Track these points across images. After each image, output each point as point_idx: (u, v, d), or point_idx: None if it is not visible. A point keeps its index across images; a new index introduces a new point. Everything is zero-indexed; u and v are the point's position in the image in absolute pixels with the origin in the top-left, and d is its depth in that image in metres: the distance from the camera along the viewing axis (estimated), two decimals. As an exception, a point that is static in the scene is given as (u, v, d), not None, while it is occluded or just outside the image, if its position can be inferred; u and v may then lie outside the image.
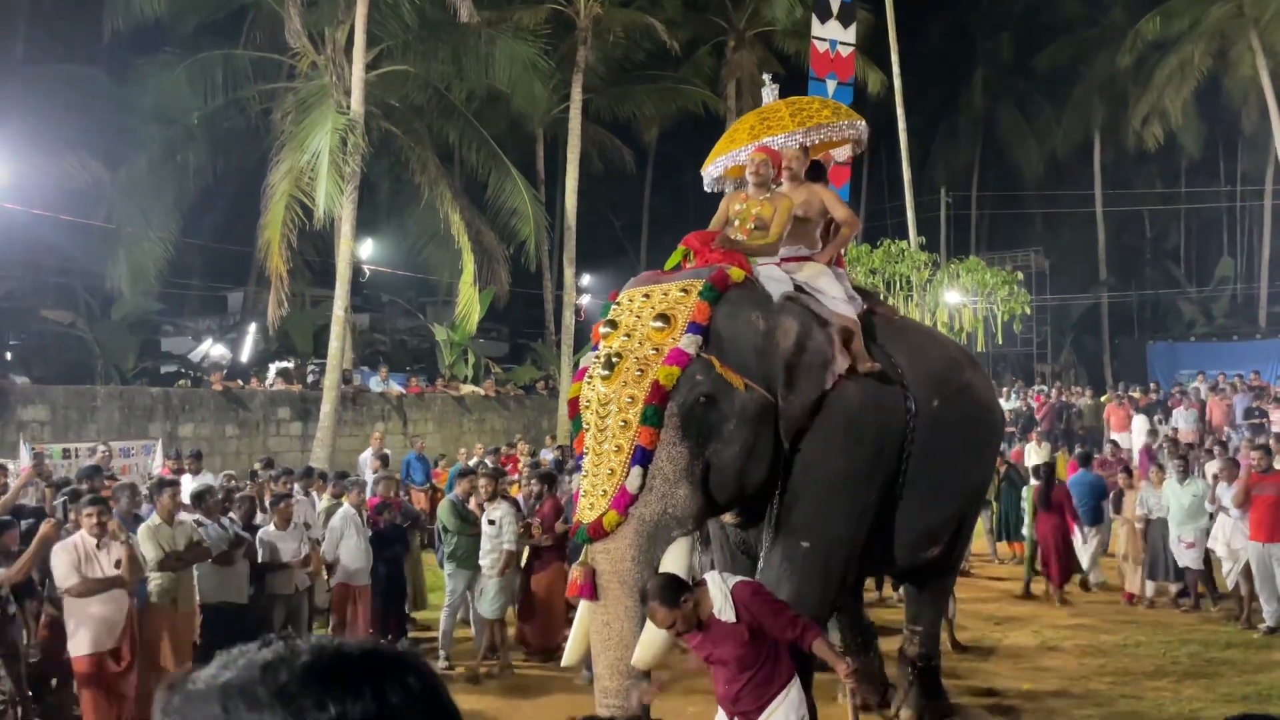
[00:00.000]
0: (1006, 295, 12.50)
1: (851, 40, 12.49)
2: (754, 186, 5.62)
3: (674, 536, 4.54)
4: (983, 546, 12.76)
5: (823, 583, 5.04)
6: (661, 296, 4.86)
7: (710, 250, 5.12)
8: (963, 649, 8.32)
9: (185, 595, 7.02)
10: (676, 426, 4.55)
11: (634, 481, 4.46)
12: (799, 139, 6.11)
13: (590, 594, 4.46)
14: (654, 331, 4.69)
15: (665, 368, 4.56)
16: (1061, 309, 30.38)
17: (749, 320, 4.83)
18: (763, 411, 4.73)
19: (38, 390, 13.47)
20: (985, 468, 6.20)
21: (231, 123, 17.48)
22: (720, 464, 4.68)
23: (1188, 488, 9.76)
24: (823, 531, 5.02)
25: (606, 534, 4.46)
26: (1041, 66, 31.08)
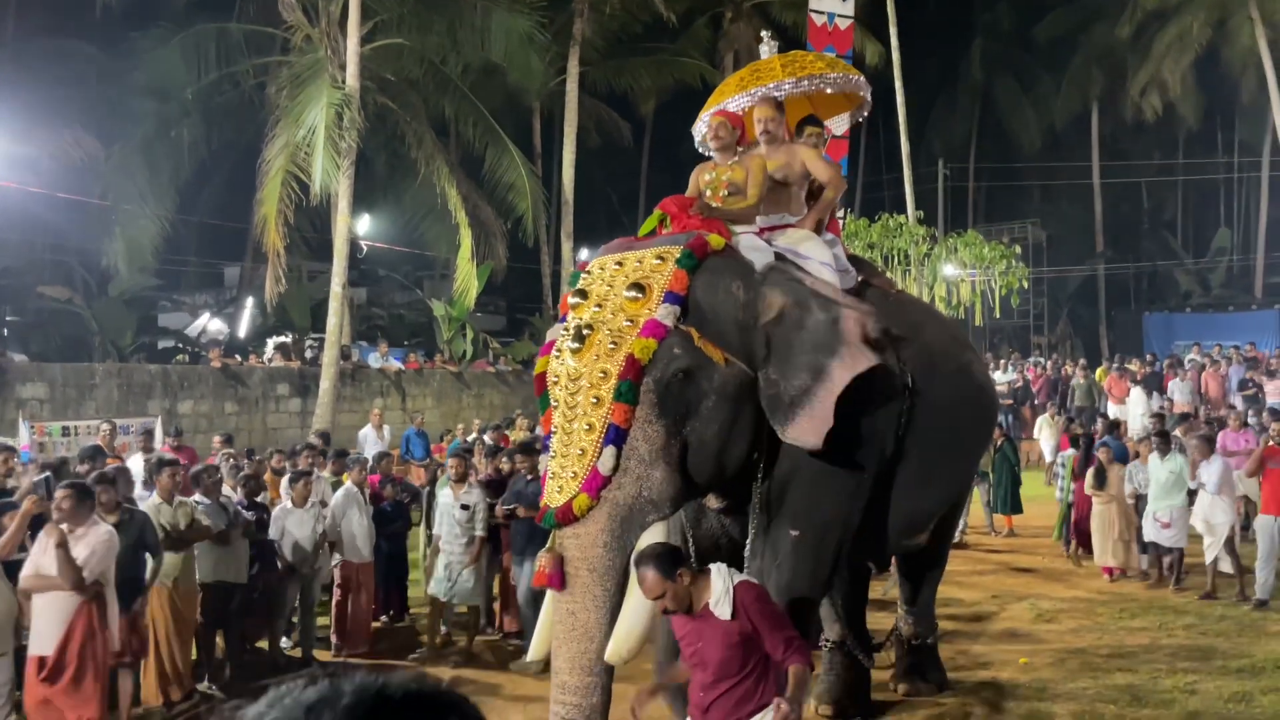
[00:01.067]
0: (1004, 269, 12.51)
1: (850, 13, 12.42)
2: (717, 153, 5.29)
3: (649, 521, 4.21)
4: (979, 519, 12.87)
5: (813, 569, 4.84)
6: (636, 264, 4.50)
7: (688, 216, 4.77)
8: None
9: (186, 575, 7.06)
10: (653, 403, 4.21)
11: (607, 462, 4.12)
12: (788, 88, 5.82)
13: (558, 583, 4.13)
14: (628, 302, 4.34)
15: (641, 340, 4.20)
16: (1058, 280, 30.40)
17: (729, 290, 4.47)
18: (743, 388, 4.40)
19: (36, 368, 13.47)
20: (977, 453, 6.04)
21: (226, 97, 17.39)
22: (699, 443, 4.35)
23: (1167, 463, 9.64)
24: (814, 518, 4.79)
25: (576, 519, 4.12)
26: (1040, 37, 30.90)
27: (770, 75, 5.86)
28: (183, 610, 7.03)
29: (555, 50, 19.80)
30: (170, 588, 6.91)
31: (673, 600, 3.78)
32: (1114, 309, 31.38)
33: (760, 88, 5.77)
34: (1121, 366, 18.97)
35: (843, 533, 4.94)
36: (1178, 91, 26.84)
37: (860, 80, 6.20)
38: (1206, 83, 28.15)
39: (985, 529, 12.71)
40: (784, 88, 5.73)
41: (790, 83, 5.77)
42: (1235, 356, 19.19)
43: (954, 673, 7.07)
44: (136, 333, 19.52)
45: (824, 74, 5.90)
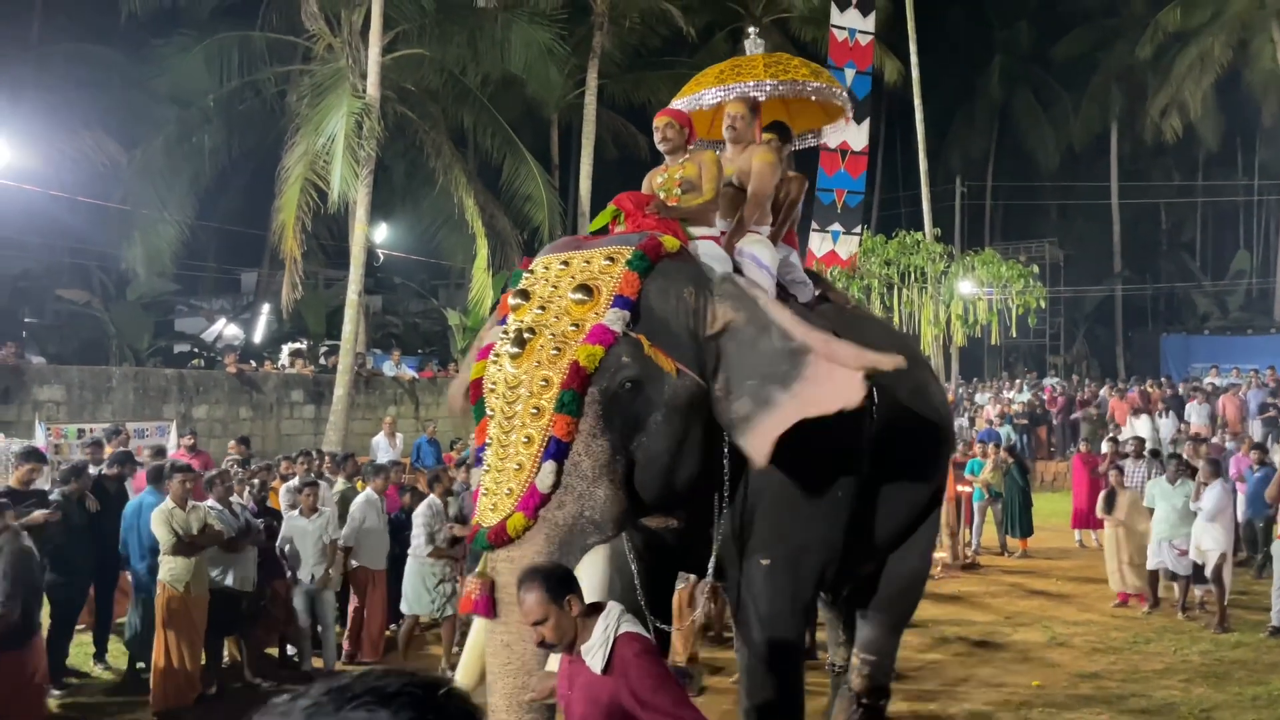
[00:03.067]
0: (1022, 288, 12.45)
1: (871, 29, 12.40)
2: (667, 155, 4.94)
3: (590, 544, 3.81)
4: (992, 540, 12.80)
5: (792, 597, 4.51)
6: (583, 265, 4.12)
7: (644, 214, 4.39)
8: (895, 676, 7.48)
9: (198, 580, 7.05)
10: (598, 415, 3.81)
11: (546, 479, 3.70)
12: (767, 89, 5.53)
13: (487, 610, 3.70)
14: (574, 304, 3.96)
15: (586, 346, 3.82)
16: (1075, 300, 30.28)
17: (682, 296, 4.09)
18: (695, 401, 4.03)
19: (54, 370, 13.56)
20: (932, 479, 5.40)
21: (247, 105, 17.50)
22: (646, 459, 3.96)
23: (1180, 489, 9.49)
24: (787, 544, 4.46)
25: (511, 540, 3.69)
26: (1059, 56, 30.89)
27: (752, 73, 5.60)
28: (193, 616, 7.02)
29: (574, 63, 19.86)
30: (181, 593, 6.91)
31: (553, 631, 3.26)
32: (1131, 330, 31.23)
33: (740, 84, 5.51)
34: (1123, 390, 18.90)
35: (824, 556, 4.59)
36: (1198, 113, 26.74)
37: (842, 94, 5.93)
38: (1227, 104, 28.07)
39: (998, 550, 12.63)
40: (764, 87, 5.47)
41: (771, 84, 5.49)
42: (1254, 380, 19.06)
43: (966, 695, 7.01)
44: (153, 337, 19.67)
45: (807, 81, 5.60)
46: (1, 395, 12.35)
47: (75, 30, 20.51)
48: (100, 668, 7.90)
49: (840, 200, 12.29)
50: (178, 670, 6.89)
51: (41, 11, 21.06)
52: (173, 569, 6.93)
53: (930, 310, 12.31)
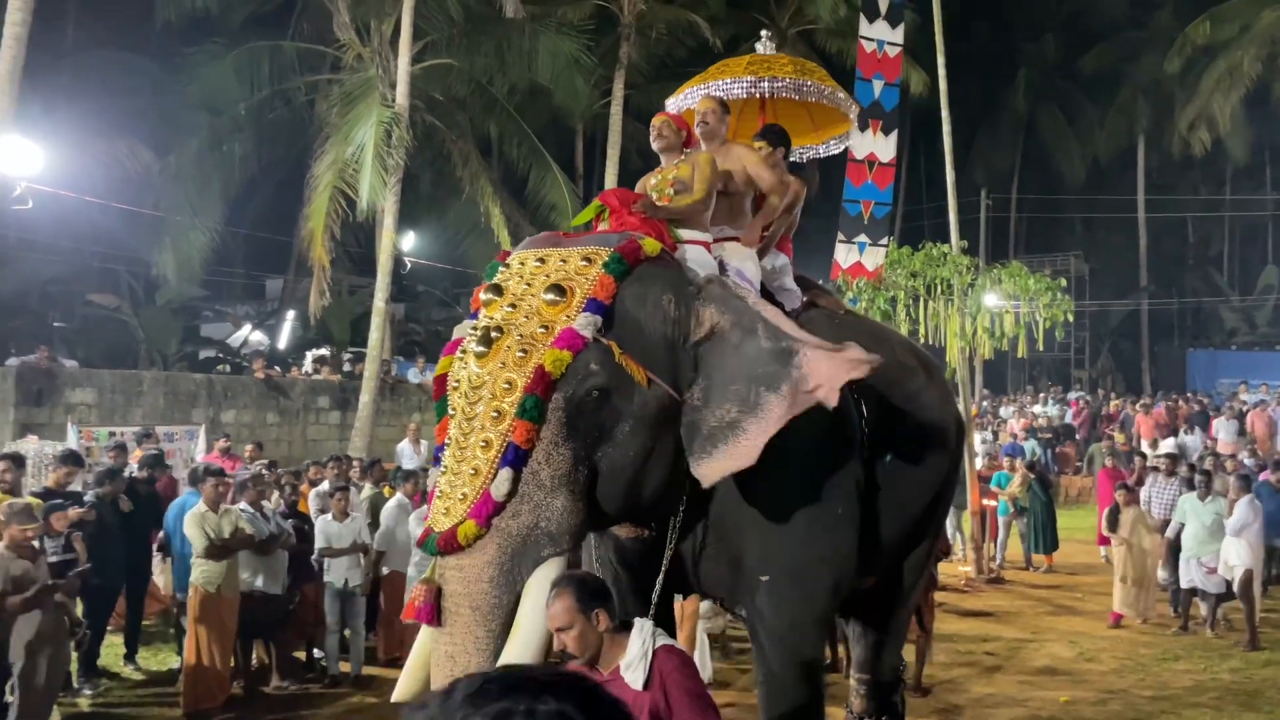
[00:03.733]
0: (1049, 302, 12.38)
1: (899, 41, 12.35)
2: (662, 154, 4.81)
3: (544, 556, 3.61)
4: (1017, 554, 12.73)
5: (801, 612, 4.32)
6: (559, 264, 3.94)
7: (629, 213, 4.22)
8: (925, 693, 7.44)
9: (230, 583, 7.14)
10: (561, 423, 3.65)
11: (501, 486, 3.56)
12: (746, 86, 5.45)
13: (431, 618, 3.58)
14: (545, 305, 3.79)
15: (554, 351, 3.65)
16: (1100, 314, 30.10)
17: (659, 303, 3.91)
18: (665, 413, 3.87)
19: (86, 374, 13.73)
20: (930, 487, 5.23)
21: (277, 113, 17.68)
22: (610, 470, 3.80)
23: (1209, 505, 9.42)
24: (781, 561, 4.25)
25: (461, 547, 3.55)
26: (1086, 69, 30.77)
27: (731, 71, 5.60)
28: (224, 618, 7.10)
29: (600, 73, 19.95)
30: (213, 595, 6.99)
31: (578, 642, 3.20)
32: (1157, 345, 31.00)
33: (719, 81, 5.51)
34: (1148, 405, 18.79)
35: (832, 571, 4.38)
36: (1227, 127, 26.55)
37: (838, 96, 5.80)
38: (1256, 118, 27.86)
39: (1023, 564, 12.57)
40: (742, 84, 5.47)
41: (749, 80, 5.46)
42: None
43: (992, 711, 6.98)
44: (180, 342, 19.88)
45: (792, 78, 5.53)
46: (34, 398, 12.51)
47: (109, 39, 20.81)
48: (130, 668, 7.99)
49: (867, 211, 12.26)
50: (208, 671, 6.97)
51: (76, 20, 21.38)
52: (205, 571, 7.02)
53: (956, 323, 12.25)
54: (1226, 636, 9.22)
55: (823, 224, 21.45)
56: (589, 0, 19.58)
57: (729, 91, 5.55)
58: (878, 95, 11.99)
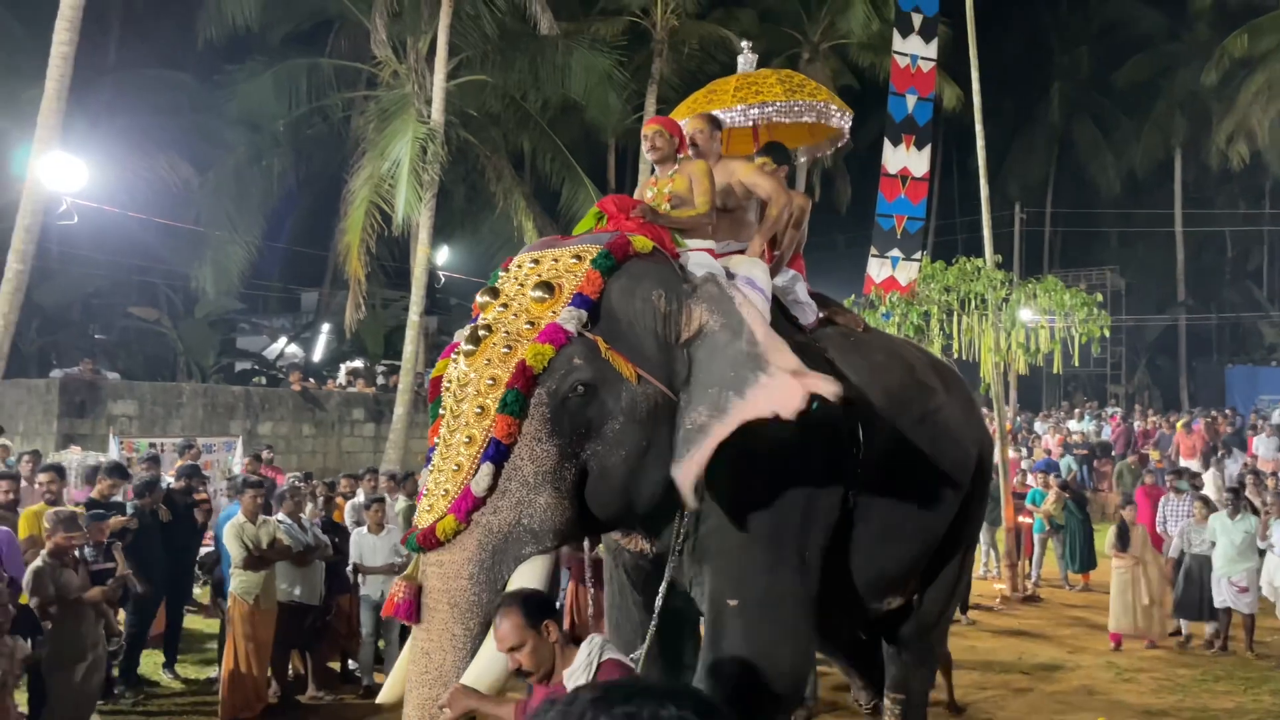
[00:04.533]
0: (1085, 317, 12.26)
1: (933, 55, 12.35)
2: (656, 165, 4.73)
3: (526, 554, 3.57)
4: (1052, 572, 12.59)
5: (772, 642, 4.11)
6: (551, 263, 3.93)
7: (627, 218, 4.17)
8: (960, 711, 7.37)
9: (267, 593, 7.21)
10: (544, 419, 3.59)
11: (481, 482, 3.51)
12: (735, 116, 5.38)
13: (410, 615, 3.56)
14: (534, 302, 3.78)
15: (535, 345, 3.60)
16: (1137, 329, 29.75)
17: (649, 298, 3.84)
18: (658, 412, 3.76)
19: (128, 386, 13.99)
20: (950, 506, 5.07)
21: (314, 129, 17.96)
22: (601, 471, 3.70)
23: (1239, 524, 9.26)
24: (752, 588, 4.10)
25: (440, 543, 3.51)
26: (1121, 82, 30.53)
27: (721, 100, 5.49)
28: (261, 628, 7.18)
29: (633, 88, 20.07)
30: (251, 605, 7.07)
31: (530, 657, 3.14)
32: (1195, 360, 30.59)
33: (758, 104, 5.44)
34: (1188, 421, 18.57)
35: (794, 607, 4.20)
36: (1265, 140, 26.22)
37: (845, 116, 5.73)
38: (1296, 131, 27.48)
39: (1059, 582, 12.43)
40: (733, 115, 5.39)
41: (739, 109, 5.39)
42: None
43: (1030, 728, 6.91)
44: (218, 354, 20.17)
45: (780, 101, 5.46)
46: (77, 409, 12.75)
47: (151, 56, 21.20)
48: (169, 676, 8.09)
49: (900, 226, 12.24)
50: (246, 681, 7.04)
51: (119, 39, 21.80)
52: (243, 581, 7.10)
53: (990, 338, 12.16)
54: (1269, 657, 9.06)
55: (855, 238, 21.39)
56: (622, 16, 19.72)
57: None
58: (911, 110, 11.99)
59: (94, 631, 6.20)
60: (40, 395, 13.23)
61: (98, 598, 6.09)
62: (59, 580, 5.96)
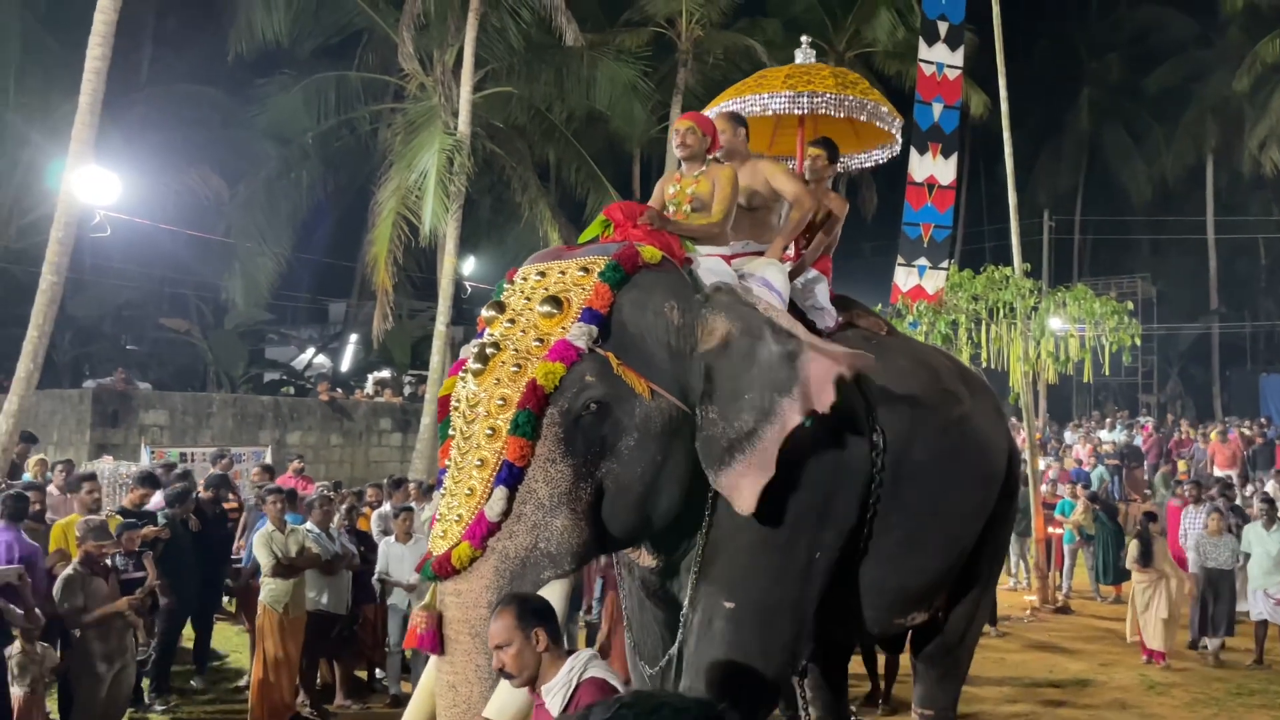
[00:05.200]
0: (1115, 325, 12.15)
1: (959, 64, 12.27)
2: (684, 162, 4.60)
3: (544, 579, 3.48)
4: (1083, 584, 12.45)
5: (761, 649, 4.01)
6: (558, 276, 3.82)
7: (634, 226, 4.05)
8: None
9: (296, 602, 7.24)
10: (558, 439, 3.52)
11: (496, 506, 3.43)
12: (785, 101, 5.23)
13: (433, 646, 3.45)
14: (542, 318, 3.67)
15: (546, 364, 3.52)
16: (1169, 338, 29.38)
17: (661, 311, 3.77)
18: (673, 426, 3.71)
19: (159, 396, 14.17)
20: (975, 517, 4.93)
21: (342, 142, 18.13)
22: (617, 489, 3.63)
23: (1275, 534, 9.11)
24: (752, 594, 4.01)
25: (455, 571, 3.42)
26: (1151, 88, 30.27)
27: (769, 85, 5.36)
28: (290, 637, 7.21)
29: (657, 98, 20.12)
30: (280, 614, 7.11)
31: (514, 660, 3.07)
32: (1229, 369, 30.17)
33: (755, 96, 5.32)
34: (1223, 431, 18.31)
35: (793, 618, 4.12)
36: (1299, 146, 25.90)
37: (896, 123, 5.56)
38: (1331, 137, 27.09)
39: (1090, 594, 12.28)
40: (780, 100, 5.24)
41: (786, 96, 5.23)
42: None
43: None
44: (247, 364, 20.38)
45: (833, 93, 5.30)
46: (110, 419, 12.91)
47: (182, 71, 21.49)
48: (199, 684, 8.15)
49: (927, 235, 12.17)
50: (274, 688, 7.07)
51: (152, 55, 22.14)
52: (272, 590, 7.14)
53: (1019, 347, 12.07)
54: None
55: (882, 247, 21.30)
56: (647, 27, 19.78)
57: (767, 106, 5.35)
58: (937, 118, 11.92)
59: (123, 640, 6.25)
60: (74, 405, 13.42)
61: (125, 608, 6.13)
62: (89, 589, 6.02)
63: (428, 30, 16.37)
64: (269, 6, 16.26)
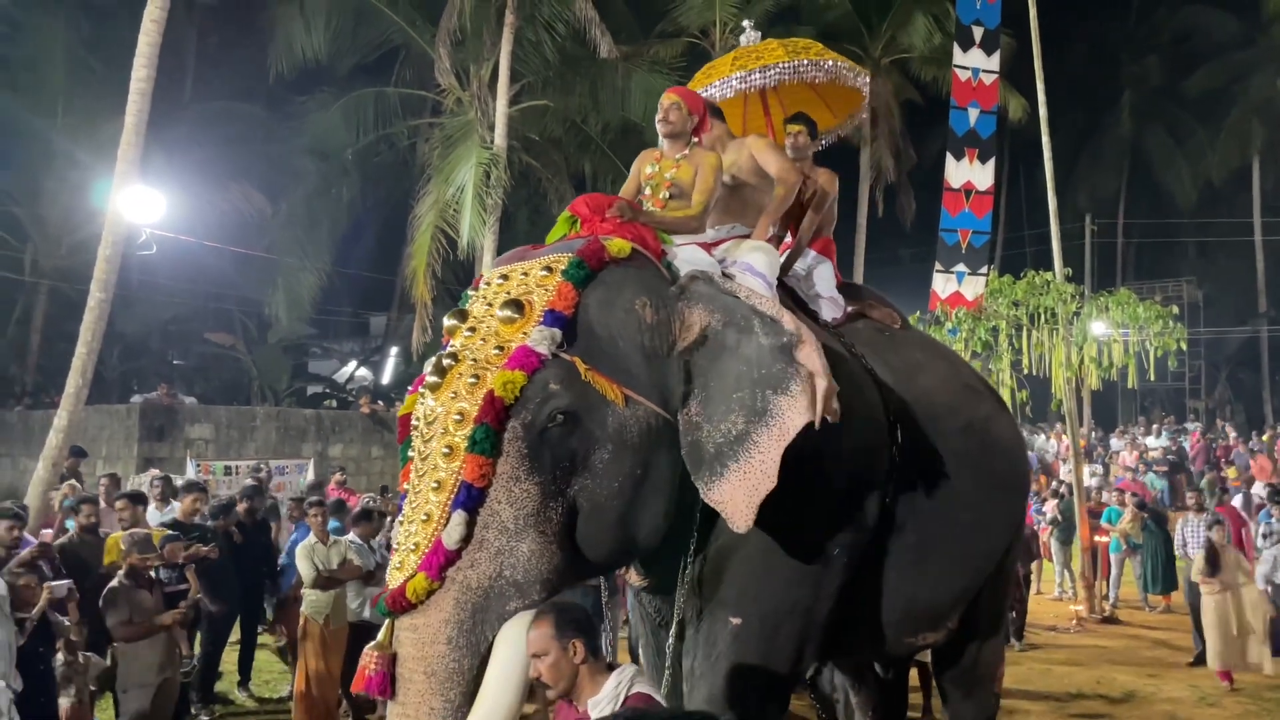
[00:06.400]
0: (1160, 330, 11.94)
1: (995, 68, 12.23)
2: (666, 140, 4.26)
3: (510, 610, 3.11)
4: (1131, 594, 12.23)
5: (765, 669, 3.70)
6: (520, 278, 3.48)
7: (602, 220, 3.72)
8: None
9: (338, 613, 7.30)
10: (521, 455, 3.16)
11: (454, 533, 3.07)
12: (735, 84, 4.94)
13: (381, 689, 3.08)
14: (502, 324, 3.34)
15: (504, 373, 3.18)
16: (1216, 342, 28.84)
17: (631, 308, 3.41)
18: (652, 435, 3.35)
19: (204, 410, 14.40)
20: (1002, 528, 4.59)
21: (381, 157, 18.34)
22: (592, 507, 3.27)
23: None
24: (761, 604, 3.69)
25: (411, 605, 3.07)
26: (1193, 89, 29.82)
27: (718, 72, 5.05)
28: (332, 648, 7.27)
29: (693, 109, 20.16)
30: (322, 625, 7.18)
31: (551, 671, 2.94)
32: (1279, 373, 29.54)
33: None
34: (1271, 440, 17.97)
35: (803, 626, 3.80)
36: (1347, 145, 25.36)
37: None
38: (1382, 135, 26.54)
39: (1138, 603, 12.06)
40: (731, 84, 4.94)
41: (738, 77, 4.92)
42: None
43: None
44: (290, 378, 20.66)
45: (783, 61, 4.96)
46: (156, 433, 13.14)
47: (225, 91, 21.89)
48: (244, 694, 8.25)
49: (965, 240, 12.11)
50: (317, 700, 7.13)
51: (195, 74, 22.56)
52: (314, 602, 7.19)
53: (1062, 352, 11.90)
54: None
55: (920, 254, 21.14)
56: (681, 38, 19.80)
57: (717, 96, 5.02)
58: (973, 123, 11.87)
59: (167, 651, 6.34)
60: (121, 420, 13.68)
61: (169, 623, 6.22)
62: (133, 601, 6.12)
63: (464, 45, 16.52)
64: (308, 25, 16.51)
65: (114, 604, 6.07)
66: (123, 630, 6.06)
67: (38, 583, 5.65)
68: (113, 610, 6.06)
